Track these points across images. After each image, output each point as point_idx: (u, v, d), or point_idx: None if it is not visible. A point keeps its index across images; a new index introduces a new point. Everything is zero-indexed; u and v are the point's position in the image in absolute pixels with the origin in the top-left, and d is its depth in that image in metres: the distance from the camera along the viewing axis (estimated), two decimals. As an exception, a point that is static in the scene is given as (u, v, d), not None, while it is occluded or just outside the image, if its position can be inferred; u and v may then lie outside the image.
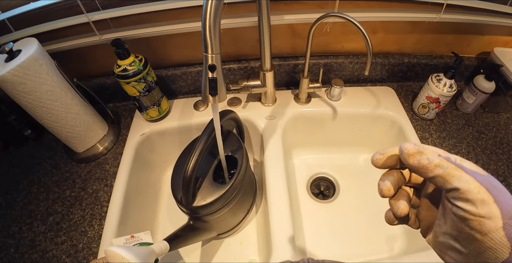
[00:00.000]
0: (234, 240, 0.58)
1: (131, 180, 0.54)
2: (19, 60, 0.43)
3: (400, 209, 0.22)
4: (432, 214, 0.22)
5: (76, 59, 0.59)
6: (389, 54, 0.65)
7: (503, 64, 0.59)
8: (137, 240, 0.43)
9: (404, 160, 0.19)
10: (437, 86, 0.56)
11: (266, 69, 0.54)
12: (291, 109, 0.62)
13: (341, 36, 0.61)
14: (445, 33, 0.62)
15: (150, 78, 0.53)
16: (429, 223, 0.22)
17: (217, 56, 0.33)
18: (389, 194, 0.22)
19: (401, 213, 0.22)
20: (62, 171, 0.57)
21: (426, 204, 0.22)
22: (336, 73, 0.66)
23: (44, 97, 0.47)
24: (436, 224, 0.20)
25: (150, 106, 0.57)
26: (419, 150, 0.18)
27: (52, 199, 0.53)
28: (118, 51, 0.48)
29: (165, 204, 0.63)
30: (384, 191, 0.22)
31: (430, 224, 0.22)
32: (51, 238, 0.48)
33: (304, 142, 0.69)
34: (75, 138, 0.54)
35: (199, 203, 0.44)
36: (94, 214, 0.50)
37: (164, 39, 0.57)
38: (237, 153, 0.50)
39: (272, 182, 0.52)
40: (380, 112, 0.62)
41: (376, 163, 0.22)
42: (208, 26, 0.31)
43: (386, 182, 0.22)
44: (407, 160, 0.19)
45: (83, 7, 0.49)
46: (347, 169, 0.69)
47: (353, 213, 0.62)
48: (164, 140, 0.62)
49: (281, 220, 0.47)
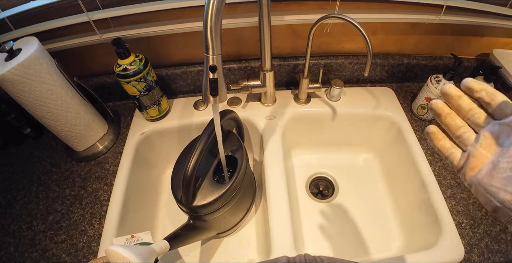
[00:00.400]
0: (233, 239, 0.58)
1: (131, 179, 0.54)
2: (20, 59, 0.43)
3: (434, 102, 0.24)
4: (488, 155, 0.21)
5: (76, 58, 0.59)
6: (388, 55, 0.66)
7: (502, 66, 0.59)
8: (137, 239, 0.43)
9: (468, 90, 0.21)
10: (436, 88, 0.56)
11: (266, 69, 0.54)
12: (291, 109, 0.62)
13: (341, 37, 0.61)
14: (444, 34, 0.62)
15: (150, 77, 0.53)
16: (479, 162, 0.21)
17: (218, 57, 0.33)
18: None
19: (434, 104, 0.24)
20: (62, 169, 0.57)
21: (487, 143, 0.22)
22: (336, 74, 0.67)
23: (44, 96, 0.47)
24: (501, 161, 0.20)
25: (150, 106, 0.57)
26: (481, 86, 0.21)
27: (52, 198, 0.53)
28: (118, 50, 0.48)
29: (165, 203, 0.64)
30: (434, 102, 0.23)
31: (479, 163, 0.21)
32: (51, 237, 0.48)
33: (304, 142, 0.69)
34: (75, 136, 0.54)
35: (199, 202, 0.44)
36: (94, 213, 0.50)
37: (164, 38, 0.57)
38: (237, 152, 0.50)
39: (271, 181, 0.52)
40: (380, 113, 0.62)
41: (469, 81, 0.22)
42: (209, 27, 0.31)
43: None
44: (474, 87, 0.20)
45: (83, 6, 0.49)
46: (346, 169, 0.69)
47: (351, 212, 0.62)
48: (164, 139, 0.62)
49: (280, 219, 0.48)
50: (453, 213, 0.49)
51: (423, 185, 0.52)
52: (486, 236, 0.47)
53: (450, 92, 0.23)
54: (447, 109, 0.24)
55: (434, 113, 0.24)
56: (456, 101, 0.23)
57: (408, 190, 0.58)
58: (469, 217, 0.49)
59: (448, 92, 0.23)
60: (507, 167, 0.20)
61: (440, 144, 0.24)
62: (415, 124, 0.61)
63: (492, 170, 0.20)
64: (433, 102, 0.24)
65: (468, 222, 0.48)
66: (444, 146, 0.24)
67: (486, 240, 0.46)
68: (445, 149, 0.24)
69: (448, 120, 0.24)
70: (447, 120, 0.24)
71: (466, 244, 0.46)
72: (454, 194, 0.51)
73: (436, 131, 0.25)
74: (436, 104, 0.24)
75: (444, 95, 0.24)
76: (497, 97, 0.21)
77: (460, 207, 0.50)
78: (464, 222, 0.48)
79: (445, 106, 0.24)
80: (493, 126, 0.22)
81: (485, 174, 0.21)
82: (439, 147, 0.24)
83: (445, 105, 0.24)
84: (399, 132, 0.61)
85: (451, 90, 0.23)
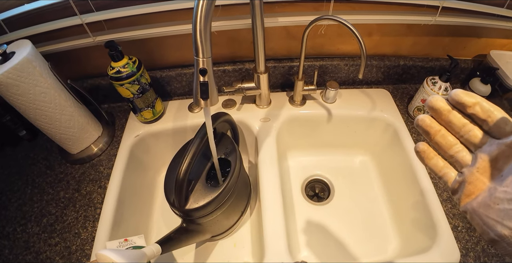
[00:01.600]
0: (228, 242, 0.58)
1: (125, 181, 0.54)
2: (13, 62, 0.43)
3: (420, 118, 0.21)
4: (485, 180, 0.19)
5: (70, 61, 0.59)
6: (385, 56, 0.65)
7: (499, 67, 0.59)
8: (130, 243, 0.43)
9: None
10: (432, 89, 0.56)
11: (260, 72, 0.54)
12: (286, 111, 0.62)
13: (336, 38, 0.61)
14: (441, 35, 0.62)
15: (144, 80, 0.53)
16: (476, 189, 0.19)
17: (208, 60, 0.33)
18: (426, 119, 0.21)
19: (418, 120, 0.21)
20: (57, 172, 0.57)
21: (484, 167, 0.19)
22: (331, 76, 0.66)
23: (37, 99, 0.47)
24: (498, 189, 0.18)
25: (144, 108, 0.57)
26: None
27: (46, 200, 0.53)
28: (111, 53, 0.48)
29: (159, 206, 0.64)
30: (420, 118, 0.21)
31: (475, 190, 0.19)
32: (45, 239, 0.48)
33: (299, 144, 0.69)
34: (69, 139, 0.54)
35: (191, 205, 0.44)
36: (87, 215, 0.50)
37: (158, 40, 0.57)
38: (231, 155, 0.50)
39: (266, 184, 0.52)
40: (375, 115, 0.62)
41: (458, 94, 0.19)
42: (198, 30, 0.31)
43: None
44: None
45: (76, 9, 0.49)
46: (342, 171, 0.69)
47: (347, 215, 0.62)
48: (158, 142, 0.62)
49: (274, 222, 0.47)
50: (449, 216, 0.48)
51: (419, 187, 0.52)
52: (482, 239, 0.46)
53: (438, 106, 0.20)
54: (437, 125, 0.21)
55: (421, 131, 0.22)
56: (446, 117, 0.20)
57: (404, 192, 0.57)
58: (465, 221, 0.48)
59: (436, 106, 0.20)
60: (504, 197, 0.17)
61: (431, 163, 0.22)
62: (412, 127, 0.61)
63: (488, 199, 0.18)
64: (419, 118, 0.21)
65: (464, 225, 0.48)
66: (436, 166, 0.22)
67: (482, 244, 0.46)
68: (437, 169, 0.22)
69: (438, 139, 0.21)
70: (437, 139, 0.21)
71: (462, 248, 0.45)
72: (450, 197, 0.51)
73: (426, 149, 0.22)
74: (423, 121, 0.21)
75: (431, 110, 0.21)
76: (494, 113, 0.19)
77: (456, 210, 0.49)
78: (460, 225, 0.48)
79: (433, 122, 0.21)
80: (490, 146, 0.19)
81: (481, 202, 0.19)
82: (431, 166, 0.22)
83: (433, 121, 0.21)
84: (395, 134, 0.60)
85: (439, 103, 0.20)
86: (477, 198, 0.19)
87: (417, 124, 0.22)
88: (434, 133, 0.21)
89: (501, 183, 0.18)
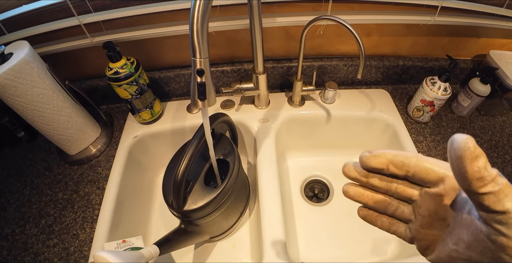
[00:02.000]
0: (227, 243, 0.58)
1: (123, 182, 0.54)
2: (11, 63, 0.43)
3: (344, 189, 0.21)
4: (434, 233, 0.19)
5: (68, 62, 0.59)
6: (384, 56, 0.65)
7: (499, 67, 0.59)
8: (128, 244, 0.43)
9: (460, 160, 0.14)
10: (431, 90, 0.55)
11: (258, 72, 0.54)
12: (285, 112, 0.62)
13: (335, 38, 0.61)
14: (440, 35, 0.62)
15: (142, 81, 0.53)
16: (430, 242, 0.19)
17: (205, 61, 0.33)
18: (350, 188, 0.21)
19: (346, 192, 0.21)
20: (55, 173, 0.57)
21: (427, 222, 0.19)
22: (330, 76, 0.66)
23: (35, 100, 0.47)
24: (450, 247, 0.17)
25: (142, 109, 0.56)
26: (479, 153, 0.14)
27: (44, 202, 0.53)
28: (109, 54, 0.48)
29: (158, 207, 0.63)
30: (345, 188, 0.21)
31: (431, 243, 0.19)
32: (43, 240, 0.48)
33: (298, 145, 0.69)
34: (67, 140, 0.54)
35: (190, 207, 0.44)
36: (85, 217, 0.50)
37: (156, 41, 0.57)
38: (229, 156, 0.50)
39: (264, 185, 0.52)
40: (375, 115, 0.62)
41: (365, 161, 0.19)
42: (195, 30, 0.31)
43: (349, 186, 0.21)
44: (466, 163, 0.13)
45: (74, 10, 0.49)
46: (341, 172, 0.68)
47: (347, 216, 0.62)
48: (157, 142, 0.62)
49: (273, 223, 0.47)
50: (448, 217, 0.48)
51: (418, 188, 0.51)
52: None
53: (353, 176, 0.20)
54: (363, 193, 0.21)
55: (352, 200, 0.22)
56: (367, 183, 0.20)
57: (404, 193, 0.57)
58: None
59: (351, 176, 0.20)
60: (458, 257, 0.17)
61: (378, 224, 0.22)
62: (411, 127, 0.61)
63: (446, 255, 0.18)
64: (344, 191, 0.22)
65: (463, 226, 0.47)
66: (383, 226, 0.22)
67: (481, 245, 0.45)
68: (385, 228, 0.22)
69: (371, 204, 0.21)
70: (370, 204, 0.21)
71: (461, 249, 0.45)
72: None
73: (367, 213, 0.22)
74: (347, 193, 0.21)
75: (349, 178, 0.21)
76: (410, 166, 0.18)
77: (455, 210, 0.49)
78: (460, 226, 0.47)
79: (357, 191, 0.21)
80: (423, 199, 0.19)
81: (443, 258, 0.18)
82: (380, 227, 0.22)
83: (357, 190, 0.21)
84: (394, 134, 0.60)
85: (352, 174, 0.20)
86: (437, 253, 0.18)
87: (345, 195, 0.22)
88: (364, 200, 0.21)
89: (451, 237, 0.17)
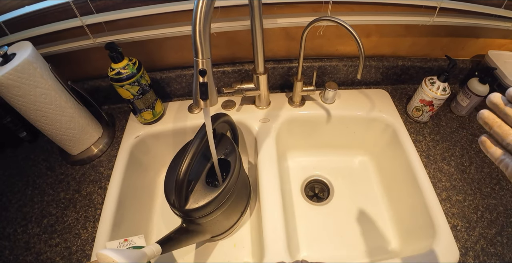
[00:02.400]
0: (228, 242, 0.58)
1: (125, 182, 0.54)
2: (14, 64, 0.43)
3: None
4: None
5: (71, 62, 0.59)
6: (383, 57, 0.66)
7: (497, 67, 0.59)
8: (130, 243, 0.43)
9: None
10: (430, 89, 0.56)
11: (259, 73, 0.55)
12: (285, 112, 0.62)
13: (335, 39, 0.61)
14: (439, 36, 0.62)
15: (144, 81, 0.53)
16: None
17: (207, 61, 0.34)
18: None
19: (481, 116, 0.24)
20: (57, 173, 0.57)
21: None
22: (330, 76, 0.67)
23: (38, 100, 0.47)
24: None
25: (144, 109, 0.57)
26: None
27: (46, 201, 0.53)
28: (111, 54, 0.48)
29: (160, 206, 0.64)
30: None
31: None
32: (45, 240, 0.49)
33: (299, 144, 0.69)
34: (70, 140, 0.54)
35: (191, 206, 0.44)
36: (88, 216, 0.51)
37: (158, 42, 0.58)
38: (230, 156, 0.50)
39: (265, 184, 0.52)
40: (374, 115, 0.62)
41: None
42: (198, 31, 0.32)
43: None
44: None
45: (76, 11, 0.49)
46: (342, 172, 0.69)
47: (347, 215, 0.62)
48: (158, 142, 0.62)
49: (274, 222, 0.48)
50: (448, 215, 0.48)
51: (418, 187, 0.52)
52: (481, 238, 0.46)
53: (495, 101, 0.24)
54: (494, 117, 0.24)
55: (481, 122, 0.25)
56: (502, 109, 0.24)
57: (403, 192, 0.57)
58: (465, 220, 0.48)
59: (493, 101, 0.24)
60: None
61: (491, 151, 0.25)
62: (410, 127, 0.61)
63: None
64: (480, 112, 0.25)
65: (463, 224, 0.48)
66: (494, 154, 0.25)
67: (481, 243, 0.46)
68: (494, 158, 0.25)
69: (496, 129, 0.24)
70: (495, 129, 0.24)
71: (461, 247, 0.45)
72: (449, 197, 0.51)
73: (487, 140, 0.25)
74: (482, 114, 0.25)
75: (490, 104, 0.24)
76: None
77: (455, 209, 0.50)
78: (459, 224, 0.48)
79: (491, 114, 0.24)
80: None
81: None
82: (490, 155, 0.25)
83: (491, 114, 0.25)
84: (394, 134, 0.61)
85: (496, 99, 0.24)
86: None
87: (478, 117, 0.25)
88: (492, 123, 0.24)
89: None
